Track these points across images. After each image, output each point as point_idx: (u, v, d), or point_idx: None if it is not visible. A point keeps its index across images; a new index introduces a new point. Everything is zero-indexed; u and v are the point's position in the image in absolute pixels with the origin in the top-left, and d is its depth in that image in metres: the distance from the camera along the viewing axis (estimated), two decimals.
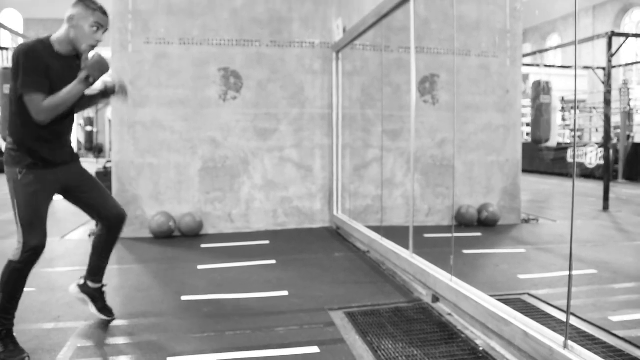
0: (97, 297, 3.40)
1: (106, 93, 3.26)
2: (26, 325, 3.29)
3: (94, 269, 3.37)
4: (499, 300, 3.05)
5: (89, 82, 2.86)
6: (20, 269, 2.85)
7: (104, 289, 3.44)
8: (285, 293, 4.00)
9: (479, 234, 6.31)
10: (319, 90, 6.65)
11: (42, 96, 2.76)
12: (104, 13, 2.95)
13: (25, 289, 2.89)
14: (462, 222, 6.73)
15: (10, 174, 2.88)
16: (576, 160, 14.66)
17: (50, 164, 2.94)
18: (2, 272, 2.86)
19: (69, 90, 2.82)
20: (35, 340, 3.05)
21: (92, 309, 3.38)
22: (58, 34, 2.92)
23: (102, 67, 2.89)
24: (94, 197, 3.21)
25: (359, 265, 4.88)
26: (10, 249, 2.90)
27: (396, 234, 4.76)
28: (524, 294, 3.94)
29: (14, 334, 2.89)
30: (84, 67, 2.87)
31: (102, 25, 2.94)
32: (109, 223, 3.26)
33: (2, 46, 11.78)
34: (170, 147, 6.24)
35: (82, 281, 3.39)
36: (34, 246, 2.86)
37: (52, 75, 2.82)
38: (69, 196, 3.18)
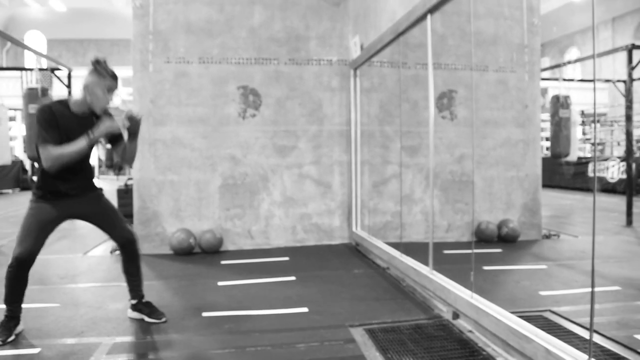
0: (143, 309, 3.82)
1: (130, 129, 3.60)
2: (50, 340, 3.34)
3: (131, 290, 3.86)
4: (520, 317, 3.03)
5: (90, 139, 3.36)
6: (13, 271, 3.38)
7: (144, 299, 3.85)
8: (305, 309, 4.01)
9: (499, 250, 6.27)
10: (337, 107, 6.69)
11: (51, 147, 3.30)
12: (114, 78, 3.46)
13: (50, 305, 3.11)
14: (482, 238, 6.69)
15: (30, 203, 3.52)
16: (597, 174, 14.51)
17: (57, 197, 3.48)
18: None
19: (74, 145, 3.34)
20: (59, 356, 3.09)
21: (147, 319, 3.77)
22: (76, 97, 3.47)
23: (111, 130, 3.47)
24: (103, 225, 3.70)
25: (378, 282, 4.87)
26: (35, 264, 3.01)
27: (416, 250, 4.75)
28: (546, 310, 3.90)
29: (14, 320, 3.46)
30: (96, 130, 3.39)
31: (112, 89, 3.47)
32: (120, 246, 3.76)
33: (27, 67, 12.03)
34: (190, 164, 6.32)
35: (130, 303, 3.87)
36: (15, 255, 3.38)
37: (64, 131, 3.35)
38: (86, 220, 3.70)
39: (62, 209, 3.51)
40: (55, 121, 3.33)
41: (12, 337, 3.39)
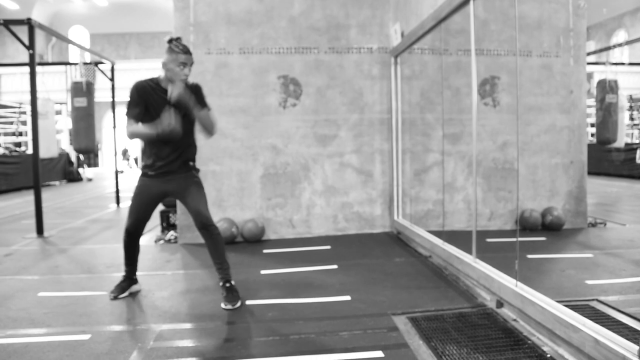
0: (222, 291, 3.99)
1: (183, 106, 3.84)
2: (100, 327, 3.44)
3: (216, 270, 4.08)
4: (566, 306, 2.98)
5: (158, 134, 3.66)
6: (124, 239, 4.09)
7: (227, 284, 3.98)
8: (348, 298, 4.03)
9: (543, 239, 6.16)
10: (377, 95, 6.65)
11: (129, 122, 3.77)
12: (186, 52, 3.75)
13: (98, 293, 3.30)
14: (526, 226, 6.59)
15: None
16: None
17: (153, 175, 3.91)
18: None
19: (144, 131, 3.72)
20: (108, 342, 3.18)
21: (222, 305, 3.91)
22: (161, 75, 3.84)
23: (177, 95, 3.68)
24: (188, 205, 3.99)
25: (420, 270, 4.85)
26: (83, 254, 3.07)
27: (458, 238, 4.71)
28: (593, 300, 3.82)
29: (127, 280, 4.20)
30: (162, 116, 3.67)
31: (186, 63, 3.76)
32: (198, 228, 3.98)
33: (71, 61, 12.30)
34: (232, 155, 6.38)
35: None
36: (125, 228, 4.05)
37: (153, 106, 3.76)
38: (176, 198, 4.16)
39: (158, 185, 3.92)
40: (138, 98, 3.76)
41: (125, 294, 4.12)
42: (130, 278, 4.21)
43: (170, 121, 3.63)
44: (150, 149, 3.89)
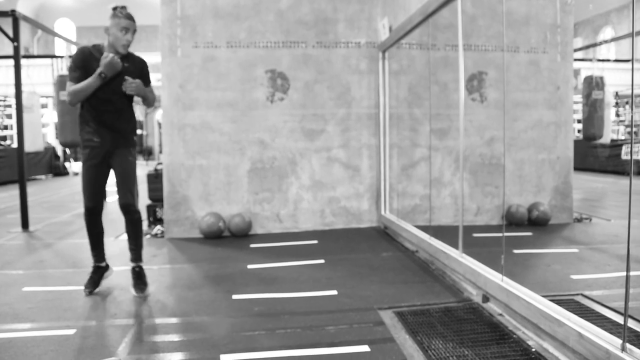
0: (132, 275, 4.09)
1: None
2: (85, 322, 3.42)
3: (129, 250, 4.15)
4: (551, 300, 3.00)
5: (101, 77, 3.70)
6: (86, 220, 4.01)
7: (137, 268, 4.10)
8: (334, 292, 4.03)
9: (529, 234, 6.19)
10: (365, 90, 6.65)
11: (71, 84, 3.76)
12: (129, 18, 3.81)
13: (83, 288, 3.07)
14: (512, 221, 6.62)
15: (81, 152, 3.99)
16: (633, 156, 14.19)
17: (95, 143, 3.87)
18: None
19: (87, 82, 3.70)
20: (93, 337, 3.16)
21: (131, 289, 4.06)
22: (105, 42, 3.87)
23: (113, 65, 3.70)
24: (116, 182, 3.98)
25: (407, 265, 4.86)
26: (68, 248, 3.03)
27: (445, 233, 4.73)
28: (578, 294, 3.85)
29: (99, 270, 4.13)
30: (100, 66, 3.69)
31: (128, 28, 3.82)
32: (120, 206, 4.02)
33: (57, 54, 12.19)
34: (219, 149, 6.36)
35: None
36: (85, 207, 3.97)
37: (93, 71, 3.71)
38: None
39: (103, 154, 3.91)
40: (80, 63, 3.76)
41: (99, 287, 4.08)
42: (99, 267, 4.14)
43: (110, 57, 3.68)
44: (90, 115, 3.86)
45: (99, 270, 4.13)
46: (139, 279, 4.06)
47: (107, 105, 3.86)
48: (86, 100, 3.82)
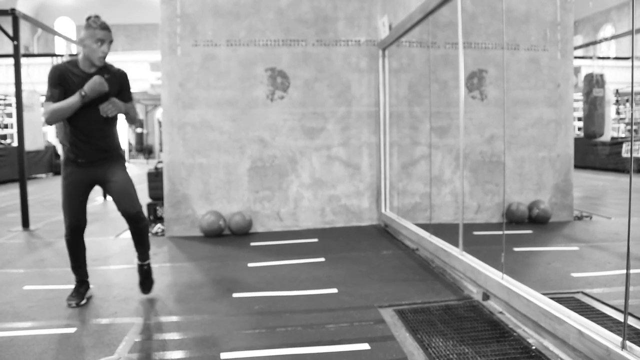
0: (140, 273, 3.97)
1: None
2: (85, 321, 3.42)
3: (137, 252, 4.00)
4: (551, 298, 3.00)
5: (82, 96, 3.45)
6: (67, 240, 3.75)
7: (145, 267, 3.95)
8: (334, 290, 4.03)
9: (529, 232, 6.19)
10: (365, 88, 6.64)
11: (50, 103, 3.50)
12: (104, 28, 3.53)
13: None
14: (512, 219, 6.62)
15: (61, 169, 3.77)
16: (633, 154, 14.18)
17: (82, 162, 3.67)
18: None
19: (67, 101, 3.47)
20: (94, 335, 3.16)
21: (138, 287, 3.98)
22: (80, 55, 3.62)
23: (96, 85, 3.47)
24: (115, 195, 3.76)
25: (407, 263, 4.86)
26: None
27: (445, 231, 4.73)
28: (578, 292, 3.85)
29: (84, 284, 3.89)
30: (85, 86, 3.47)
31: (104, 40, 3.54)
32: (125, 218, 3.80)
33: (57, 53, 12.17)
34: (219, 147, 6.36)
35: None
36: (68, 225, 3.70)
37: (70, 89, 3.50)
38: (103, 189, 3.93)
39: (86, 173, 3.70)
40: (57, 80, 3.52)
41: (84, 301, 3.81)
42: (84, 281, 3.91)
43: (96, 79, 3.48)
44: (74, 135, 3.62)
45: (85, 284, 3.91)
46: (147, 278, 3.95)
47: (92, 124, 3.62)
48: (70, 119, 3.57)
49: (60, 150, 17.40)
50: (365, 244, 5.71)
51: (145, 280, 3.96)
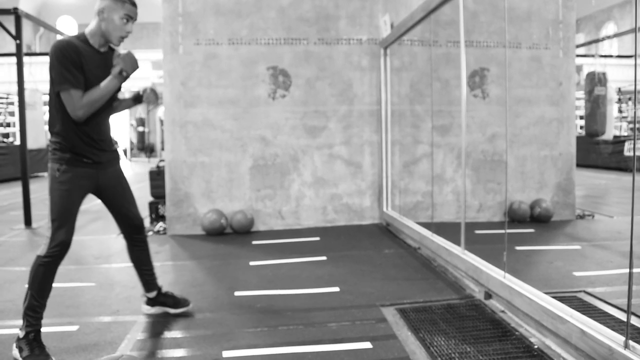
0: (166, 301, 3.53)
1: (137, 99, 3.30)
2: (87, 319, 3.43)
3: (147, 282, 3.50)
4: (554, 297, 3.00)
5: (122, 76, 2.94)
6: (47, 263, 2.87)
7: (163, 289, 3.57)
8: (336, 289, 4.03)
9: (531, 230, 6.19)
10: (367, 86, 6.64)
11: (79, 92, 2.83)
12: (133, 4, 3.01)
13: (86, 284, 3.00)
14: (514, 218, 6.61)
15: (51, 170, 2.97)
16: (636, 153, 14.14)
17: (88, 162, 3.01)
18: (31, 269, 2.90)
19: (106, 85, 2.90)
20: (96, 333, 3.17)
21: (171, 312, 3.51)
22: (90, 28, 2.96)
23: (133, 62, 2.98)
24: (122, 201, 3.26)
25: (409, 262, 4.86)
26: (71, 246, 3.00)
27: (447, 230, 4.73)
28: (580, 291, 3.85)
29: (41, 337, 2.87)
30: (116, 62, 2.94)
31: (131, 17, 2.99)
32: (126, 230, 3.33)
33: None
34: (221, 146, 6.36)
35: (145, 298, 3.55)
36: (60, 241, 2.90)
37: (87, 70, 2.87)
38: (101, 197, 3.23)
39: (91, 179, 3.05)
40: (77, 59, 2.83)
41: None
42: (39, 331, 2.89)
43: (129, 52, 2.98)
44: (81, 129, 2.95)
45: (40, 335, 2.89)
46: (174, 296, 3.54)
47: (102, 115, 3.04)
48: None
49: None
50: (366, 243, 5.70)
51: (177, 298, 3.56)
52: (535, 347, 2.86)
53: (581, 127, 15.83)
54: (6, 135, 16.95)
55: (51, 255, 2.87)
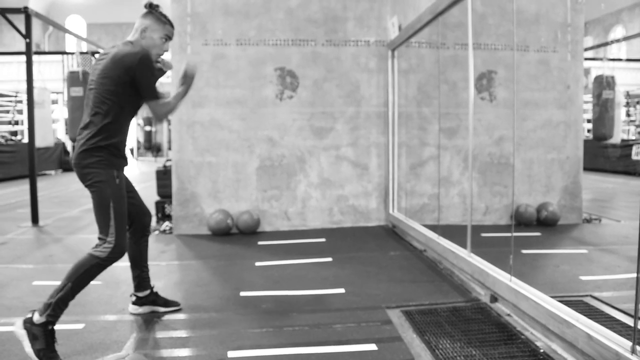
0: (157, 300, 3.58)
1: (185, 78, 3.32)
2: (93, 317, 3.44)
3: (143, 280, 3.53)
4: (560, 301, 2.98)
5: (188, 85, 3.23)
6: (103, 266, 2.97)
7: (155, 289, 3.61)
8: (342, 290, 4.03)
9: (538, 234, 6.17)
10: (374, 88, 6.64)
11: (162, 100, 3.11)
12: (172, 26, 3.25)
13: (92, 283, 3.00)
14: (521, 221, 6.59)
15: (106, 176, 2.99)
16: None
17: (124, 165, 3.15)
18: (80, 265, 2.95)
19: (181, 95, 3.20)
20: (102, 332, 3.18)
21: (161, 310, 3.56)
22: (132, 41, 3.14)
23: (195, 74, 3.26)
24: (138, 204, 3.39)
25: (415, 264, 4.86)
26: (77, 243, 3.02)
27: (453, 232, 4.72)
28: (587, 295, 3.83)
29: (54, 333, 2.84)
30: (183, 82, 3.21)
31: (170, 37, 3.24)
32: (137, 226, 3.41)
33: (68, 51, 12.22)
34: (228, 146, 6.37)
35: (133, 298, 3.56)
36: (123, 246, 3.01)
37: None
38: None
39: (125, 177, 3.19)
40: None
41: None
42: (54, 329, 2.85)
43: (193, 64, 3.24)
44: (122, 133, 3.09)
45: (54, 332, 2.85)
46: (163, 297, 3.63)
47: (132, 119, 3.19)
48: (125, 113, 3.05)
49: (69, 147, 17.53)
50: (372, 245, 5.70)
51: (165, 299, 3.63)
52: (541, 351, 2.85)
53: (589, 131, 15.77)
54: (14, 134, 17.03)
55: (111, 259, 2.97)
